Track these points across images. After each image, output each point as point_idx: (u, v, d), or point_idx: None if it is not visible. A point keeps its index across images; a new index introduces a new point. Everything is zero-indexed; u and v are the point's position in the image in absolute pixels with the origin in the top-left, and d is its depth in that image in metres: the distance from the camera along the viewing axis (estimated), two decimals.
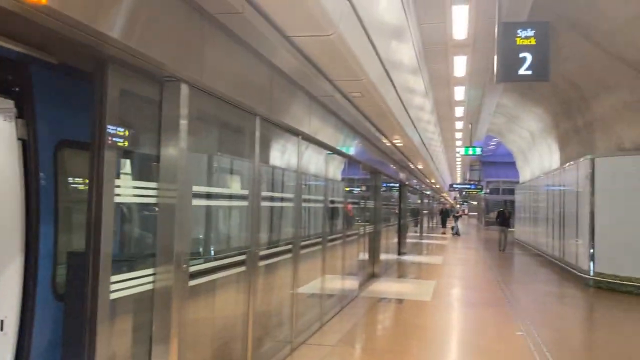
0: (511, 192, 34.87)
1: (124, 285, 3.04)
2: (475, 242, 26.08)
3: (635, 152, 11.19)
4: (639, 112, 10.70)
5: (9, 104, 2.94)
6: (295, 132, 5.84)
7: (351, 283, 9.26)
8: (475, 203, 72.91)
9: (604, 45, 9.78)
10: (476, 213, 66.64)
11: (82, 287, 2.80)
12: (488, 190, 47.25)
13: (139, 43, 2.83)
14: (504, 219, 20.61)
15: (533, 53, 4.84)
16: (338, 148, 7.66)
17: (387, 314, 8.39)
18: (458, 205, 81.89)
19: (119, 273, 3.00)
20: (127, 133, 3.01)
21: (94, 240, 2.81)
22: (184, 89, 3.40)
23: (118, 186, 2.98)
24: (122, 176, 3.17)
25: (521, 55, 4.88)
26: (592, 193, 11.91)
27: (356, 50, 4.74)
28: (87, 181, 2.90)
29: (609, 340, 7.33)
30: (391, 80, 6.92)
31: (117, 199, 2.98)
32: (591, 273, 11.71)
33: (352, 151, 8.64)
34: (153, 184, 3.33)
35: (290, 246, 5.83)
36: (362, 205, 10.96)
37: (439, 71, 11.02)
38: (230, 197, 4.58)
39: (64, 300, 3.12)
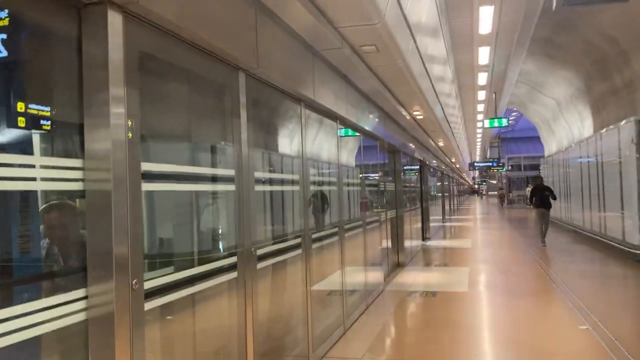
0: (533, 167, 33.43)
1: (24, 322, 1.92)
2: (500, 222, 24.77)
3: None
4: None
5: None
6: (297, 98, 4.69)
7: (376, 276, 8.11)
8: (494, 182, 71.30)
9: None
10: (495, 192, 65.12)
11: None
12: (510, 167, 45.69)
13: None
14: (543, 198, 13.82)
15: None
16: (352, 121, 6.47)
17: (421, 310, 7.24)
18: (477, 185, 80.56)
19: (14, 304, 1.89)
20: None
21: None
22: (114, 18, 2.26)
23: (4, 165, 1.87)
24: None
25: None
26: (639, 158, 10.62)
27: None
28: None
29: None
30: (411, 32, 5.72)
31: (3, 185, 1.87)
32: None
33: (368, 125, 7.43)
34: (76, 163, 2.20)
35: (299, 240, 4.68)
36: (382, 189, 9.78)
37: (461, 28, 9.71)
38: (209, 178, 3.39)
39: None
